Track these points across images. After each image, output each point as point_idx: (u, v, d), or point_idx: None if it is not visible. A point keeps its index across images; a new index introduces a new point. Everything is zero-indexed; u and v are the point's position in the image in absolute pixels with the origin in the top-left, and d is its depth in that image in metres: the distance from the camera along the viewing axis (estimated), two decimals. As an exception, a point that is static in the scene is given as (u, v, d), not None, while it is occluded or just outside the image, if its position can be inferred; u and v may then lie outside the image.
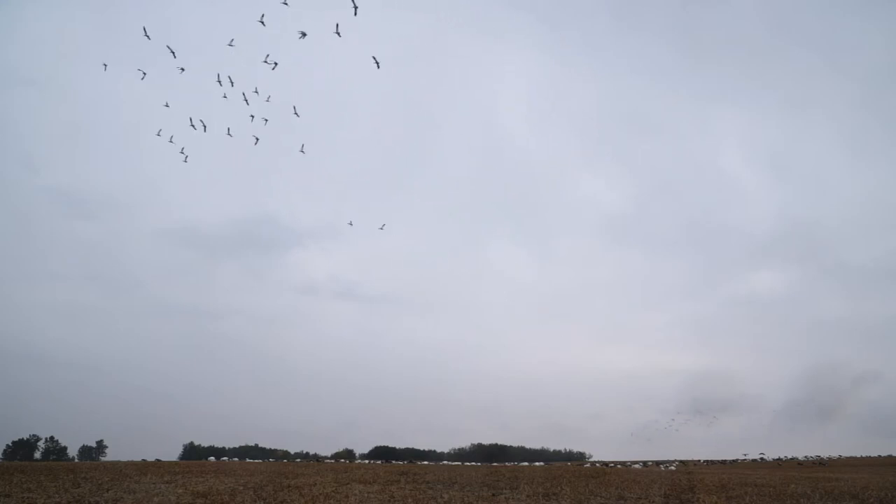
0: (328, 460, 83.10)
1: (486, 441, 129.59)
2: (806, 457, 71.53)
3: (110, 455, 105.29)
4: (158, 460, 47.27)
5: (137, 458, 57.50)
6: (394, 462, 59.97)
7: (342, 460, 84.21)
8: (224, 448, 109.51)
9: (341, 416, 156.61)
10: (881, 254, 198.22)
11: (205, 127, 30.82)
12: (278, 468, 28.95)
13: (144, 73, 30.82)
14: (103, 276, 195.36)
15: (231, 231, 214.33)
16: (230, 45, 26.67)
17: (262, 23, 25.04)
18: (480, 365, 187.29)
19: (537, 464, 55.58)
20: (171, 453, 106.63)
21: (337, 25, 22.23)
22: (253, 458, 74.43)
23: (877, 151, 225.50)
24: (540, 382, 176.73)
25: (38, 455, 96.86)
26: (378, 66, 25.35)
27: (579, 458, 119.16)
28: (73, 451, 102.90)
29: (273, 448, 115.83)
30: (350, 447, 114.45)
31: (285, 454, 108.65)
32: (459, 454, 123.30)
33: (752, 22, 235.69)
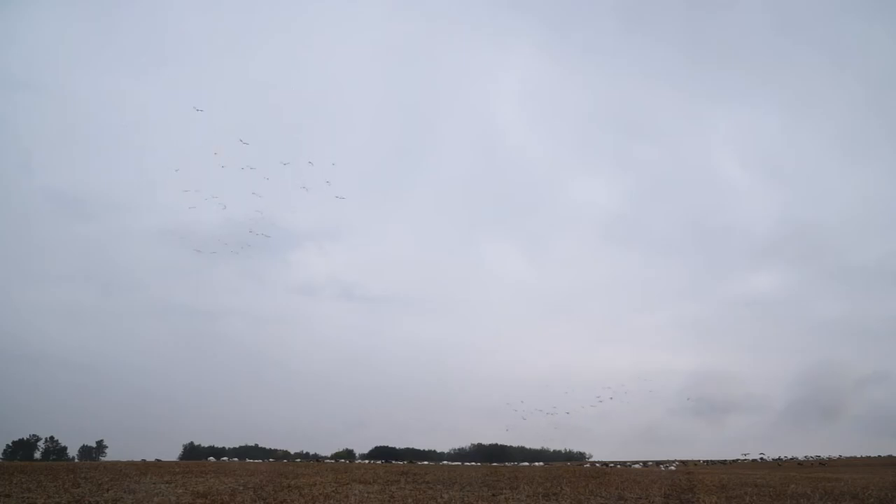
0: (328, 460, 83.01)
1: (486, 441, 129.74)
2: (806, 457, 71.43)
3: (110, 455, 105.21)
4: (158, 460, 47.21)
5: (137, 458, 57.36)
6: (394, 462, 59.88)
7: (342, 460, 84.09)
8: (224, 448, 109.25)
9: (341, 416, 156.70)
10: (881, 255, 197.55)
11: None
12: (278, 468, 28.93)
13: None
14: (103, 277, 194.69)
15: (230, 231, 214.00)
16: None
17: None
18: (480, 365, 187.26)
19: (537, 464, 55.58)
20: (171, 453, 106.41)
21: None
22: (253, 458, 74.29)
23: (877, 152, 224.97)
24: (540, 382, 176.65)
25: (38, 455, 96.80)
26: None
27: (579, 458, 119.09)
28: (73, 451, 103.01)
29: (273, 448, 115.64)
30: (350, 447, 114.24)
31: (285, 454, 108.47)
32: (459, 454, 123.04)
33: (752, 23, 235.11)
